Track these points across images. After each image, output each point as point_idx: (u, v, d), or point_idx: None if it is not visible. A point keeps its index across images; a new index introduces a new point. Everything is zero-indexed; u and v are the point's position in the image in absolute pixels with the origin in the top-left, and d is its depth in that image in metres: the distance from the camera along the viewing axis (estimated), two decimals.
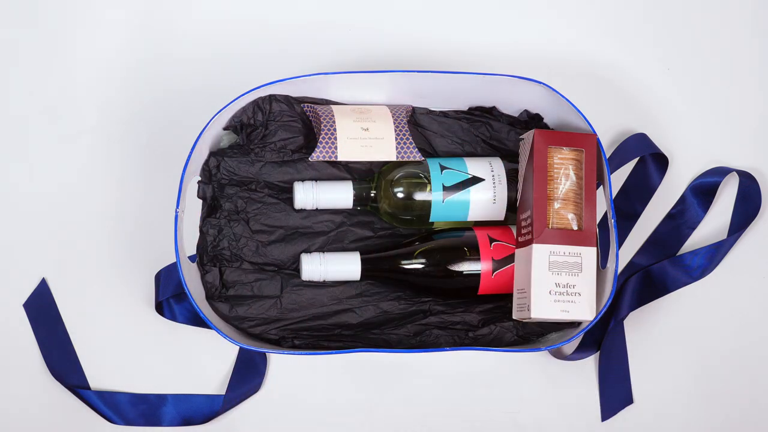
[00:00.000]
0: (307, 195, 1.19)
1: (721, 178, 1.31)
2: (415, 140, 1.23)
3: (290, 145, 1.22)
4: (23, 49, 1.30)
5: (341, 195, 1.20)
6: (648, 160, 1.31)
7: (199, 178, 1.20)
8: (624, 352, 1.28)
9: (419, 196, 1.20)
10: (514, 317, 1.18)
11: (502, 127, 1.25)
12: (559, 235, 1.14)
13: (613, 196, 1.30)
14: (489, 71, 1.26)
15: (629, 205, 1.31)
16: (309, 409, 1.26)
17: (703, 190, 1.31)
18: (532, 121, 1.25)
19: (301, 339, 1.20)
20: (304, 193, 1.19)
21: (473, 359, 1.27)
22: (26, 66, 1.30)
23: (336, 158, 1.18)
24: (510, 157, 1.23)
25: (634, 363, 1.29)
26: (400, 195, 1.20)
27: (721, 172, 1.31)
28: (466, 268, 1.19)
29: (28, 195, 1.28)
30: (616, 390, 1.28)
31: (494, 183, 1.21)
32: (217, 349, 1.26)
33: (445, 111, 1.25)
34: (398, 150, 1.19)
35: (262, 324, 1.20)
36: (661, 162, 1.31)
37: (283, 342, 1.20)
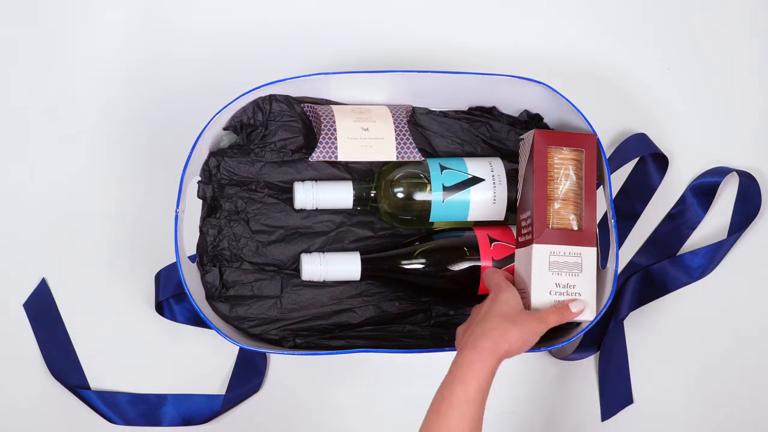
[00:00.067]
0: (307, 195, 1.19)
1: (721, 178, 1.31)
2: (415, 140, 1.23)
3: (290, 145, 1.22)
4: (23, 49, 1.30)
5: (341, 195, 1.20)
6: (648, 160, 1.31)
7: (199, 178, 1.20)
8: (624, 352, 1.28)
9: (419, 196, 1.20)
10: None
11: (502, 127, 1.25)
12: (559, 236, 1.14)
13: (613, 196, 1.30)
14: (489, 71, 1.26)
15: (629, 205, 1.31)
16: (309, 409, 1.26)
17: (703, 190, 1.31)
18: (532, 121, 1.25)
19: (301, 339, 1.20)
20: (304, 193, 1.19)
21: None
22: (26, 66, 1.30)
23: (336, 158, 1.18)
24: (510, 157, 1.23)
25: (634, 363, 1.29)
26: (400, 195, 1.19)
27: (721, 172, 1.31)
28: (466, 268, 1.19)
29: (29, 195, 1.28)
30: (616, 390, 1.28)
31: (494, 183, 1.21)
32: (217, 349, 1.25)
33: (445, 111, 1.25)
34: (398, 150, 1.19)
35: (262, 324, 1.20)
36: (661, 162, 1.31)
37: (284, 342, 1.20)
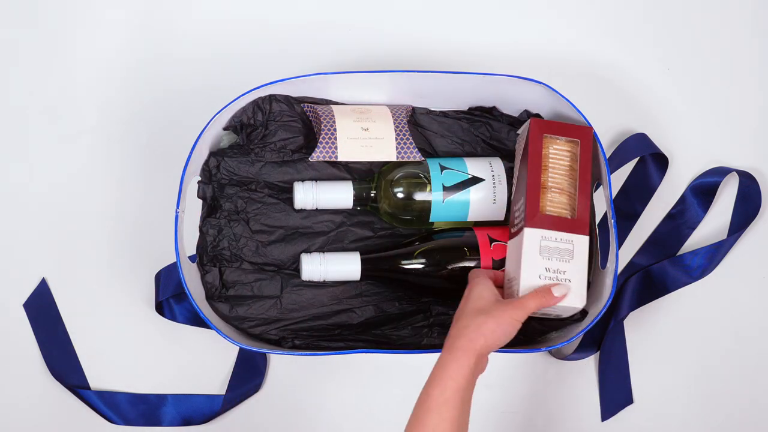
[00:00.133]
0: (307, 195, 1.19)
1: (721, 178, 1.31)
2: (415, 140, 1.23)
3: (290, 145, 1.22)
4: (23, 49, 1.30)
5: (341, 195, 1.20)
6: (648, 160, 1.31)
7: (199, 178, 1.20)
8: (624, 352, 1.28)
9: (419, 196, 1.20)
10: None
11: (502, 127, 1.25)
12: (552, 221, 1.12)
13: (613, 196, 1.30)
14: (489, 71, 1.26)
15: (629, 205, 1.31)
16: (309, 409, 1.26)
17: (703, 190, 1.31)
18: None
19: (301, 339, 1.20)
20: (304, 193, 1.19)
21: None
22: (26, 66, 1.30)
23: (336, 158, 1.18)
24: (510, 157, 1.23)
25: (634, 363, 1.29)
26: (400, 195, 1.19)
27: (721, 172, 1.31)
28: (466, 268, 1.19)
29: (29, 195, 1.28)
30: (616, 390, 1.28)
31: (494, 183, 1.20)
32: (217, 349, 1.25)
33: (445, 111, 1.25)
34: (398, 150, 1.19)
35: (262, 324, 1.20)
36: (661, 162, 1.31)
37: (284, 342, 1.20)
